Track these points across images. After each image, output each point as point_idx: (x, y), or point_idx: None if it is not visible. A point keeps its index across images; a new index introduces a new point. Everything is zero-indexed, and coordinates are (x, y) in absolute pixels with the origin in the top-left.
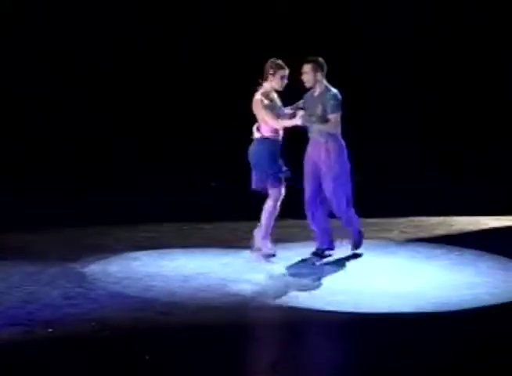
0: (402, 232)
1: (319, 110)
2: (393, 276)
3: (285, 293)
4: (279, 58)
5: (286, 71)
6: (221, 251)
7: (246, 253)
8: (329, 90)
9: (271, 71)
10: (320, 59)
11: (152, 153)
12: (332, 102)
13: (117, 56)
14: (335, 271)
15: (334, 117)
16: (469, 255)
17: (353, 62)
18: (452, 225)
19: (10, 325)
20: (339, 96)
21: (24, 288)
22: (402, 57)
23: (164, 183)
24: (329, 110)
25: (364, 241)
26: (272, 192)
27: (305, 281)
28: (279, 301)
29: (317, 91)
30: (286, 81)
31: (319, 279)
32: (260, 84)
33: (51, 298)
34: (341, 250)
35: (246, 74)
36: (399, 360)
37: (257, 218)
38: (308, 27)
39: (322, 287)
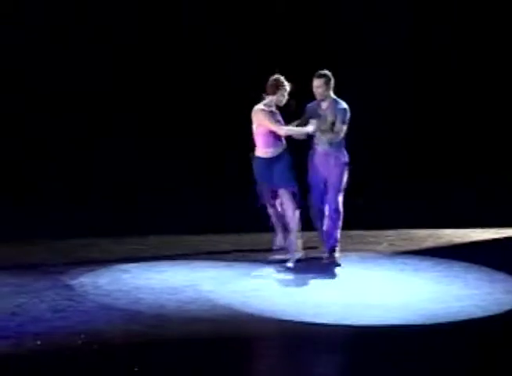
0: (391, 244)
1: (329, 121)
2: (381, 289)
3: (273, 305)
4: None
5: (288, 87)
6: (208, 264)
7: (234, 265)
8: (339, 102)
9: (275, 87)
10: (329, 73)
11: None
12: (343, 113)
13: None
14: (323, 283)
15: (344, 128)
16: (457, 268)
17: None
18: (440, 237)
19: None
20: (348, 109)
21: (13, 301)
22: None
23: (152, 195)
24: (340, 121)
25: (353, 254)
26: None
27: (293, 293)
28: (267, 314)
29: (326, 103)
30: (287, 97)
31: (308, 291)
32: (262, 98)
33: (40, 310)
34: (330, 263)
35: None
36: (388, 373)
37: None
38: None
39: (310, 300)
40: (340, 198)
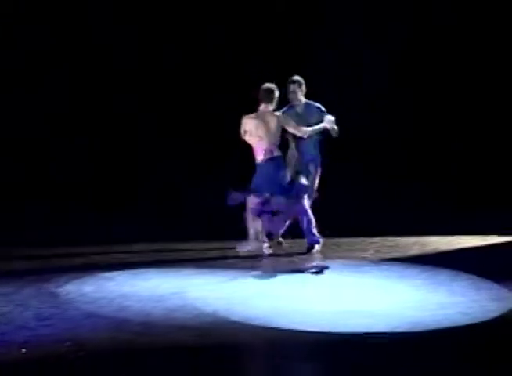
0: (377, 251)
1: (314, 121)
2: (367, 296)
3: (260, 313)
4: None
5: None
6: (195, 271)
7: (221, 272)
8: (312, 103)
9: (272, 95)
10: (301, 78)
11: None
12: (322, 112)
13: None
14: (310, 291)
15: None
16: (443, 275)
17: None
18: (426, 245)
19: None
20: (322, 108)
21: None
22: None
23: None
24: (324, 119)
25: (339, 261)
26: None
27: (279, 301)
28: (253, 322)
29: (300, 106)
30: None
31: (294, 299)
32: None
33: (24, 318)
34: (316, 270)
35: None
36: None
37: (230, 239)
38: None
39: (296, 307)
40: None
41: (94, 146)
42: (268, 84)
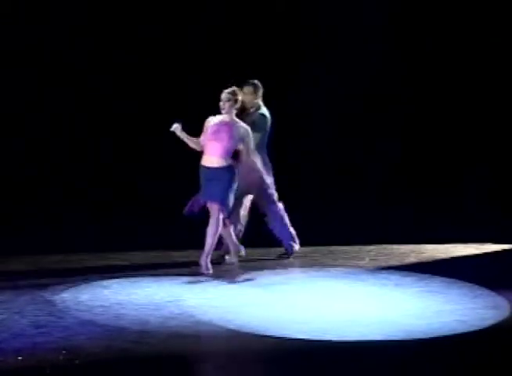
0: (373, 259)
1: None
2: (363, 304)
3: (255, 321)
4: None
5: None
6: (191, 279)
7: (217, 281)
8: (260, 109)
9: (235, 100)
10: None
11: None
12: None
13: None
14: (305, 299)
15: (255, 136)
16: (439, 283)
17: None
18: (422, 253)
19: None
20: (267, 116)
21: None
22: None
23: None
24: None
25: (335, 269)
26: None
27: (275, 309)
28: (249, 330)
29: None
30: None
31: (290, 307)
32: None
33: (21, 326)
34: (312, 278)
35: None
36: None
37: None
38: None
39: (292, 315)
40: None
41: (93, 148)
42: (231, 89)
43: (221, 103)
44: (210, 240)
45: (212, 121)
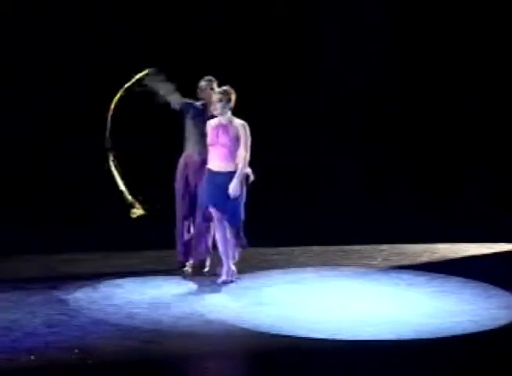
0: (386, 259)
1: None
2: (376, 304)
3: (267, 320)
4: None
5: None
6: (203, 279)
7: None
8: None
9: (228, 99)
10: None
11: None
12: None
13: None
14: (318, 298)
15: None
16: (452, 283)
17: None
18: (435, 252)
19: None
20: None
21: (6, 316)
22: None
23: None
24: None
25: (347, 268)
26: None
27: (287, 309)
28: (261, 329)
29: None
30: None
31: (302, 306)
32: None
33: (33, 325)
34: (324, 278)
35: None
36: None
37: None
38: None
39: (304, 315)
40: None
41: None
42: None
43: (212, 106)
44: (221, 248)
45: (210, 124)
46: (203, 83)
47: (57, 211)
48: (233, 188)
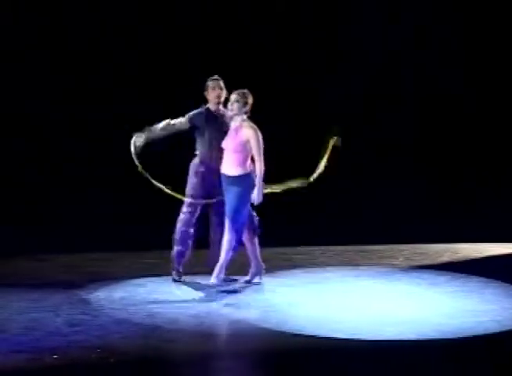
0: (407, 259)
1: None
2: (398, 303)
3: (288, 320)
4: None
5: None
6: (223, 278)
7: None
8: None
9: (245, 102)
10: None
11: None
12: None
13: None
14: (340, 298)
15: None
16: (474, 283)
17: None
18: (457, 252)
19: (15, 352)
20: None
21: (29, 315)
22: None
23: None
24: None
25: (369, 268)
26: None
27: (309, 308)
28: (282, 328)
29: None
30: None
31: (324, 306)
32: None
33: (55, 324)
34: (345, 277)
35: None
36: None
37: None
38: None
39: (326, 314)
40: None
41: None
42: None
43: (229, 104)
44: (222, 254)
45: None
46: (210, 82)
47: (79, 211)
48: (257, 196)
